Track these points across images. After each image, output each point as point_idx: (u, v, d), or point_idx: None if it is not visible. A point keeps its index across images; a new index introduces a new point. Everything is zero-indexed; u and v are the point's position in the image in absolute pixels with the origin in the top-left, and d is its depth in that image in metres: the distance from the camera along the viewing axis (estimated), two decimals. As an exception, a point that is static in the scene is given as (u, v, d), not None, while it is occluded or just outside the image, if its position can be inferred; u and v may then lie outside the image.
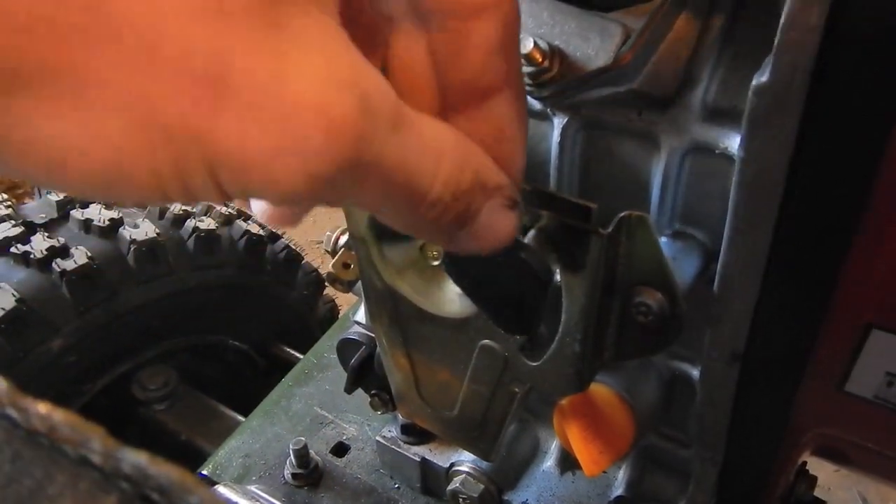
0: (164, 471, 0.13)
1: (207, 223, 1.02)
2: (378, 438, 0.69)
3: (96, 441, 0.13)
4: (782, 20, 0.28)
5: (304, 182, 0.19)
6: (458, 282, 0.37)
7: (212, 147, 0.17)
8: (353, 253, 0.49)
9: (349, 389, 0.65)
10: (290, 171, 0.18)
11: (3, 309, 0.84)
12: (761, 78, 0.31)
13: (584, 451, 0.49)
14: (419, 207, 0.22)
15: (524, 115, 0.27)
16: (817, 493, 0.61)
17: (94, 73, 0.16)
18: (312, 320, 1.19)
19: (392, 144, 0.20)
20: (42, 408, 0.14)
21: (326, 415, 0.79)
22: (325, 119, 0.18)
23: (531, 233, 0.36)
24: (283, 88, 0.17)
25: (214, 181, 0.18)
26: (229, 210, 1.11)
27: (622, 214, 0.35)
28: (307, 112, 0.18)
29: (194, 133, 0.17)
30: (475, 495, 0.63)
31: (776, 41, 0.29)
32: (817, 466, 0.59)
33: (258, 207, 0.26)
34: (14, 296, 0.85)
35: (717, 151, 0.40)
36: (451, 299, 0.46)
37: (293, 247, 1.15)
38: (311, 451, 0.71)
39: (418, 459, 0.67)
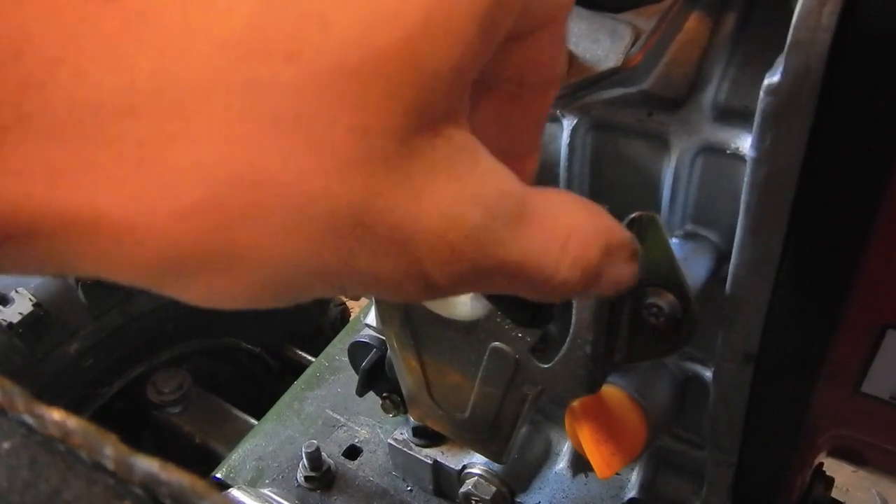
0: (175, 477, 0.13)
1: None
2: (390, 441, 0.69)
3: (109, 447, 0.14)
4: (794, 19, 0.28)
5: (428, 295, 0.19)
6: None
7: (346, 280, 0.18)
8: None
9: (361, 392, 0.65)
10: (413, 290, 0.19)
11: (20, 313, 0.85)
12: (773, 77, 0.30)
13: (596, 453, 0.48)
14: (545, 290, 0.22)
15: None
16: (835, 494, 0.61)
17: (247, 246, 0.16)
18: (324, 323, 1.20)
19: (514, 241, 0.20)
20: (56, 414, 0.14)
21: (338, 417, 0.79)
22: (445, 244, 0.18)
23: None
24: (414, 225, 0.18)
25: (342, 293, 0.19)
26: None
27: (633, 215, 0.35)
28: (429, 241, 0.18)
29: (334, 274, 0.18)
30: (487, 497, 0.63)
31: (788, 40, 0.29)
32: (835, 467, 0.58)
33: None
34: (31, 300, 0.86)
35: (728, 152, 0.39)
36: (462, 302, 0.46)
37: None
38: (323, 453, 0.71)
39: (430, 462, 0.67)
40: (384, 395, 0.66)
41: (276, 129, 0.15)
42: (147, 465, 0.13)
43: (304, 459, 0.70)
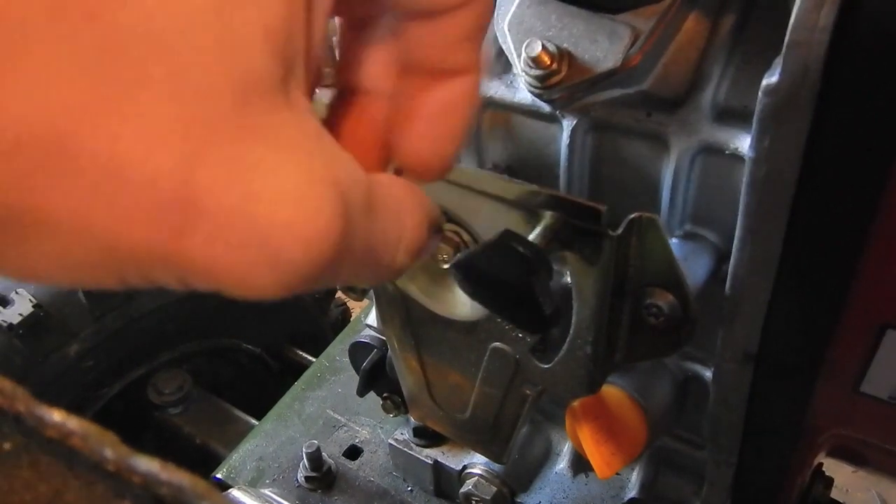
0: (175, 477, 0.13)
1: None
2: (391, 441, 0.69)
3: (109, 448, 0.14)
4: (792, 20, 0.28)
5: (279, 290, 0.18)
6: (468, 290, 0.37)
7: (180, 264, 0.17)
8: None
9: (361, 392, 0.65)
10: (264, 283, 0.18)
11: (20, 314, 0.85)
12: (771, 78, 0.30)
13: (596, 453, 0.48)
14: (381, 275, 0.22)
15: (477, 102, 0.26)
16: (834, 494, 0.61)
17: (55, 209, 0.16)
18: (324, 323, 1.20)
19: (364, 230, 0.20)
20: (57, 416, 0.15)
21: (339, 418, 0.79)
22: (301, 236, 0.17)
23: (536, 231, 0.36)
24: (254, 208, 0.17)
25: (183, 284, 0.18)
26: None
27: (632, 216, 0.35)
28: (282, 230, 0.17)
29: (161, 254, 0.17)
30: (488, 497, 0.63)
31: (786, 41, 0.29)
32: (835, 468, 0.58)
33: None
34: (31, 301, 0.86)
35: (727, 152, 0.39)
36: (462, 302, 0.46)
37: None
38: (324, 454, 0.71)
39: (431, 462, 0.67)
40: (385, 395, 0.66)
41: (89, 89, 0.15)
42: (147, 465, 0.13)
43: (305, 460, 0.70)
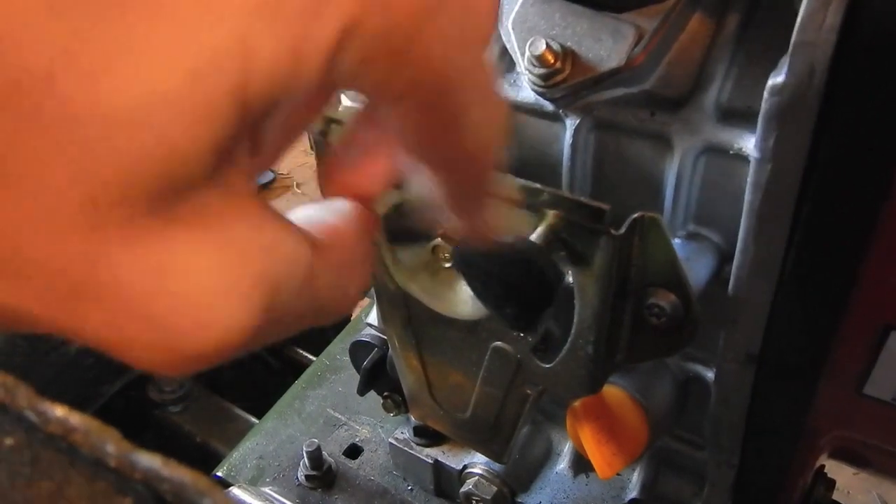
0: (177, 473, 0.13)
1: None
2: (391, 440, 0.69)
3: (111, 444, 0.14)
4: (799, 19, 0.28)
5: (187, 371, 0.18)
6: (467, 279, 0.37)
7: (79, 337, 0.17)
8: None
9: (362, 391, 0.65)
10: (170, 370, 0.17)
11: (21, 311, 0.85)
12: (777, 77, 0.30)
13: (597, 454, 0.48)
14: (326, 321, 0.22)
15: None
16: (836, 496, 0.60)
17: None
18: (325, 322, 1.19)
19: (302, 301, 0.20)
20: (59, 411, 0.14)
21: (339, 416, 0.79)
22: (211, 337, 0.17)
23: (539, 230, 0.36)
24: (158, 304, 0.16)
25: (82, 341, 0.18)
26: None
27: (635, 215, 0.35)
28: (190, 334, 0.17)
29: (59, 328, 0.17)
30: (488, 497, 0.63)
31: (793, 40, 0.29)
32: (836, 470, 0.58)
33: None
34: (32, 298, 0.86)
35: (731, 152, 0.39)
36: (464, 301, 0.46)
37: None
38: (324, 452, 0.71)
39: (431, 461, 0.67)
40: (385, 394, 0.66)
41: None
42: (149, 461, 0.13)
43: (305, 458, 0.70)
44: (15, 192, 0.15)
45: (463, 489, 0.64)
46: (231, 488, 0.69)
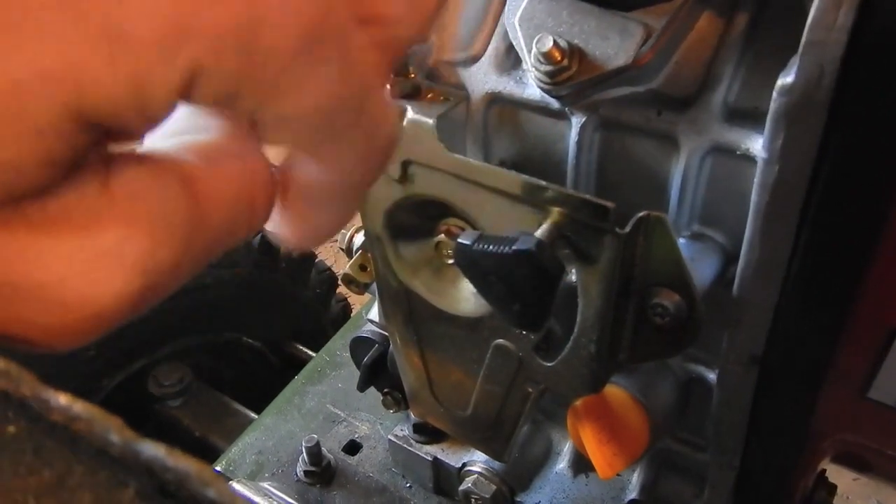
0: (181, 463, 0.13)
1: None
2: (390, 437, 0.69)
3: (114, 433, 0.13)
4: (810, 19, 0.28)
5: (81, 342, 0.19)
6: (469, 275, 0.37)
7: None
8: (369, 255, 0.49)
9: (362, 388, 0.65)
10: (61, 344, 0.19)
11: (22, 304, 0.85)
12: (787, 77, 0.30)
13: (598, 454, 0.48)
14: (241, 239, 0.22)
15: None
16: (835, 502, 0.60)
17: None
18: (325, 319, 1.19)
19: (196, 241, 0.20)
20: (63, 399, 0.14)
21: (339, 413, 0.79)
22: (90, 312, 0.18)
23: (543, 227, 0.36)
24: (34, 276, 0.17)
25: None
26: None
27: (640, 214, 0.35)
28: (71, 309, 0.18)
29: None
30: (487, 496, 0.62)
31: (803, 40, 0.29)
32: (836, 475, 0.58)
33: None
34: (33, 291, 0.86)
35: (738, 152, 0.39)
36: (466, 298, 0.45)
37: (307, 245, 1.15)
38: (323, 448, 0.71)
39: (430, 459, 0.67)
40: (385, 391, 0.66)
41: None
42: (153, 450, 0.13)
43: (304, 454, 0.70)
44: None
45: (462, 487, 0.64)
46: (230, 483, 0.69)
